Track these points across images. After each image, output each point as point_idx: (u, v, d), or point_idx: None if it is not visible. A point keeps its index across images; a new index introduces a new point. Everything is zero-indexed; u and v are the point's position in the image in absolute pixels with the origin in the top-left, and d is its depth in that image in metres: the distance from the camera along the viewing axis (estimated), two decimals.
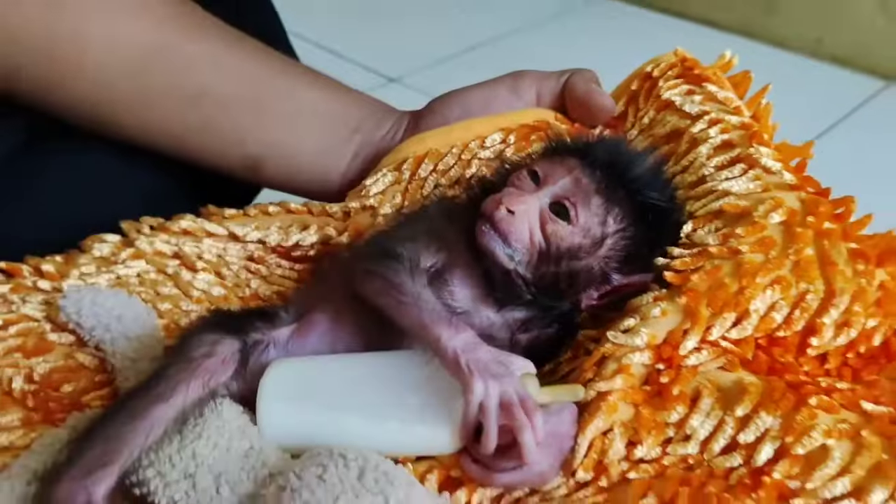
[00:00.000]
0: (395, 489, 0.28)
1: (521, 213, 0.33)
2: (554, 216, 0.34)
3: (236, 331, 0.32)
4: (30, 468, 0.30)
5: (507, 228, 0.33)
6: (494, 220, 0.33)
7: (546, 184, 0.34)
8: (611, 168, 0.35)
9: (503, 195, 0.33)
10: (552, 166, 0.36)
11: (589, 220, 0.34)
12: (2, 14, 0.43)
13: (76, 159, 0.48)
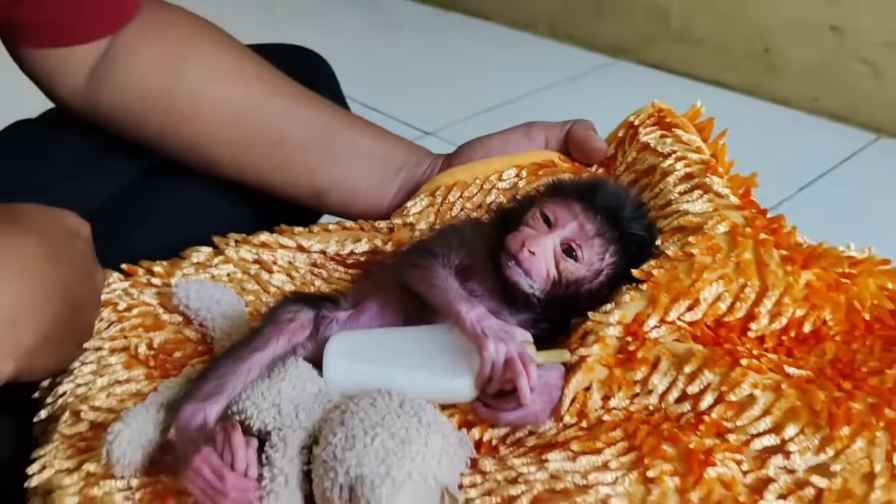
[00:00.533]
0: (425, 413, 0.37)
1: (540, 254, 0.43)
2: (565, 255, 0.43)
3: (311, 306, 0.43)
4: (157, 401, 0.40)
5: (530, 266, 0.43)
6: (519, 258, 0.43)
7: (556, 227, 0.43)
8: (607, 212, 0.45)
9: (525, 237, 0.43)
10: (560, 210, 0.45)
11: (592, 257, 0.44)
12: (137, 77, 0.55)
13: (181, 190, 0.60)
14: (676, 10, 1.40)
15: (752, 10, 1.31)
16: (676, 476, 0.37)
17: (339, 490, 0.35)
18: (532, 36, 1.62)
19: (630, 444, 0.39)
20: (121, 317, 0.48)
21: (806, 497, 0.37)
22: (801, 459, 0.38)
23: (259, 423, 0.39)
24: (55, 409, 0.44)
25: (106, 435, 0.38)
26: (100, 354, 0.46)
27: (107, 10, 0.55)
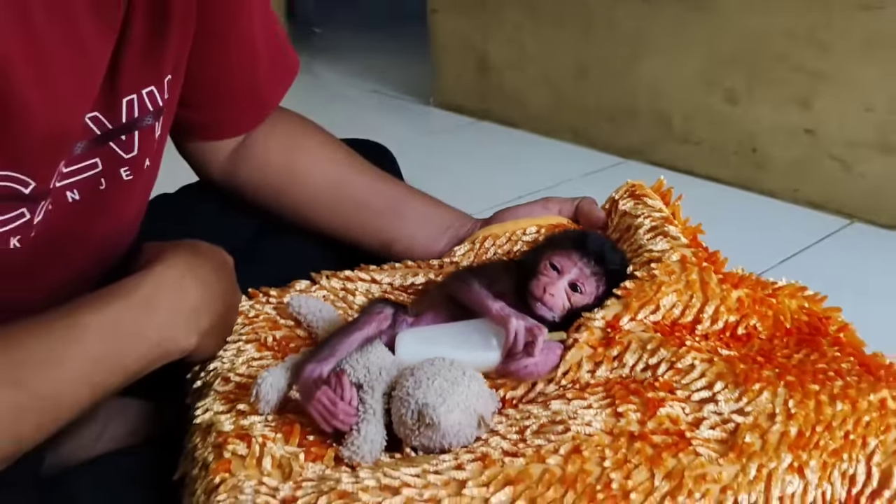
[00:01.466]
0: (468, 370, 0.54)
1: (557, 295, 0.60)
2: (573, 291, 0.60)
3: (392, 306, 0.60)
4: (286, 365, 0.57)
5: (551, 304, 0.60)
6: (543, 300, 0.60)
7: (564, 273, 0.60)
8: (595, 256, 0.62)
9: (544, 284, 0.59)
10: (564, 260, 0.61)
11: (591, 289, 0.61)
12: (265, 159, 0.75)
13: (285, 242, 0.78)
14: (678, 117, 1.59)
15: (741, 118, 1.49)
16: (638, 412, 0.53)
17: (411, 414, 0.52)
18: (555, 141, 1.83)
19: (607, 395, 0.55)
20: (250, 321, 0.66)
21: (728, 429, 0.52)
22: (725, 406, 0.53)
23: (355, 377, 0.56)
24: (207, 378, 0.61)
25: (256, 380, 0.55)
26: (237, 345, 0.64)
27: (251, 112, 0.76)
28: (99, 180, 0.61)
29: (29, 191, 0.53)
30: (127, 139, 0.61)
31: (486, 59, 1.93)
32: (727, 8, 1.45)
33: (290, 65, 0.77)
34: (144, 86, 0.60)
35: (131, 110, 0.60)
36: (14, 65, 0.47)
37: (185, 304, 0.57)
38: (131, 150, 0.62)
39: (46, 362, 0.49)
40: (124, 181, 0.63)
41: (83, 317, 0.52)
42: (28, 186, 0.53)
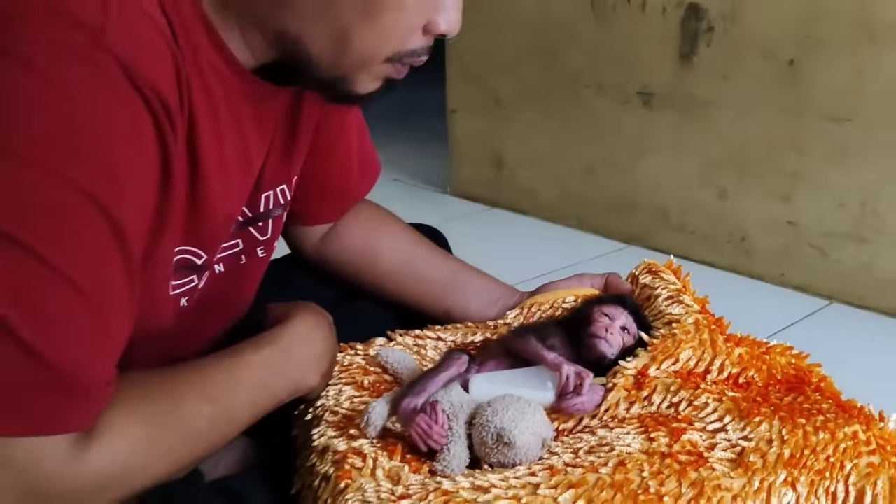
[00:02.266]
0: (532, 403, 0.69)
1: (616, 334, 0.75)
2: (623, 332, 0.76)
3: (466, 354, 0.75)
4: (385, 399, 0.71)
5: (612, 341, 0.75)
6: (608, 339, 0.74)
7: (615, 320, 0.76)
8: (632, 310, 0.78)
9: (607, 325, 0.75)
10: (613, 310, 0.77)
11: (633, 332, 0.77)
12: (350, 240, 0.91)
13: (362, 307, 0.92)
14: (675, 210, 1.73)
15: (731, 211, 1.63)
16: (666, 437, 0.67)
17: (491, 436, 0.66)
18: (563, 228, 1.97)
19: (641, 425, 0.69)
20: (345, 368, 0.81)
21: (736, 451, 0.66)
22: (733, 434, 0.68)
23: (441, 407, 0.70)
24: (317, 412, 0.75)
25: (367, 409, 0.69)
26: (338, 386, 0.77)
27: (341, 205, 0.91)
28: (240, 257, 0.75)
29: (200, 262, 0.68)
30: (262, 225, 0.76)
31: (500, 155, 2.11)
32: (719, 118, 1.62)
33: (375, 169, 0.94)
34: (279, 184, 0.76)
35: (268, 203, 0.75)
36: (210, 168, 0.62)
37: (313, 351, 0.71)
38: (265, 233, 0.77)
39: (227, 387, 0.63)
40: (259, 258, 0.78)
41: (247, 355, 0.66)
42: (201, 259, 0.68)
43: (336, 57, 0.61)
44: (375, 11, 0.59)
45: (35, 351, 0.48)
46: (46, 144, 0.48)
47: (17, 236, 0.48)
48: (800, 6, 1.46)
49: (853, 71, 1.42)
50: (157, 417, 0.57)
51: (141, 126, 0.53)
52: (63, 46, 0.48)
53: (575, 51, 1.83)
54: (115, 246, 0.52)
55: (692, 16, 1.61)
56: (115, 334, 0.53)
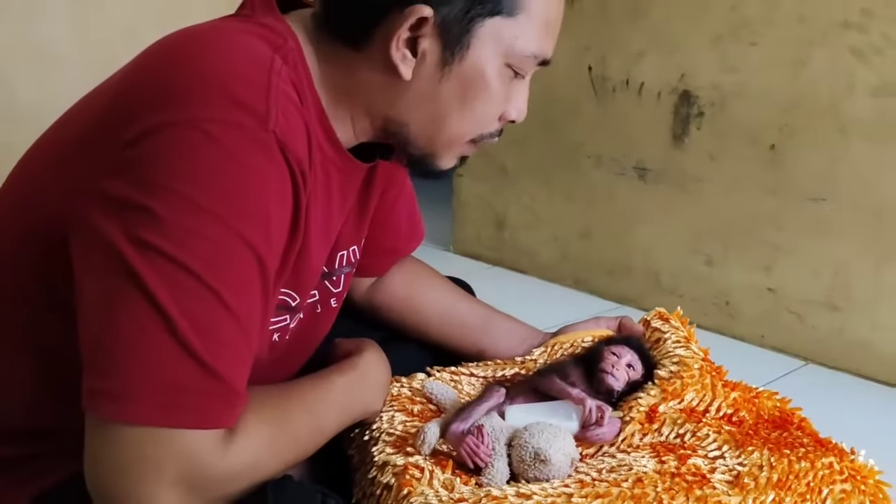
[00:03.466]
0: (563, 431, 0.81)
1: (622, 370, 0.87)
2: (629, 369, 0.88)
3: (504, 388, 0.87)
4: (436, 423, 0.83)
5: (619, 376, 0.86)
6: (614, 373, 0.87)
7: (622, 358, 0.88)
8: (638, 350, 0.91)
9: (614, 362, 0.87)
10: (621, 350, 0.89)
11: (638, 368, 0.89)
12: (394, 289, 1.03)
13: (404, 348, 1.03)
14: (666, 274, 1.86)
15: (717, 277, 1.77)
16: (675, 461, 0.79)
17: (529, 455, 0.78)
18: (560, 287, 2.10)
19: (653, 451, 0.82)
20: (394, 398, 0.92)
21: (733, 474, 0.77)
22: (730, 460, 0.80)
23: (485, 432, 0.82)
24: (373, 434, 0.86)
25: (423, 428, 0.80)
26: (391, 413, 0.88)
27: (389, 261, 1.04)
28: (316, 306, 0.87)
29: (294, 304, 0.79)
30: (336, 280, 0.88)
31: (503, 217, 2.26)
32: (707, 193, 1.77)
33: (420, 232, 1.06)
34: (351, 245, 0.88)
35: (342, 261, 0.87)
36: (315, 226, 0.75)
37: (381, 379, 0.83)
38: (338, 287, 0.89)
39: (322, 403, 0.75)
40: (331, 307, 0.89)
41: (334, 378, 0.78)
42: (295, 301, 0.79)
43: (431, 138, 0.75)
44: (469, 103, 0.73)
45: (208, 363, 0.60)
46: (222, 200, 0.61)
47: (196, 270, 0.60)
48: (780, 99, 1.64)
49: (827, 157, 1.59)
50: (275, 423, 0.68)
51: (288, 192, 0.66)
52: (238, 126, 0.61)
53: (576, 126, 2.00)
54: (261, 285, 0.64)
55: (684, 101, 1.78)
56: (252, 355, 0.65)
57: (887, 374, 1.56)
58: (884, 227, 1.53)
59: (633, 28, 1.84)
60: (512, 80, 0.75)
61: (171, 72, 0.64)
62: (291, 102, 0.66)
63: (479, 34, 0.71)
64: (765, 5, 1.62)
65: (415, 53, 0.71)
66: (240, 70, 0.64)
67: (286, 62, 0.67)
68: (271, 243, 0.64)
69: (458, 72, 0.72)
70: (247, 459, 0.63)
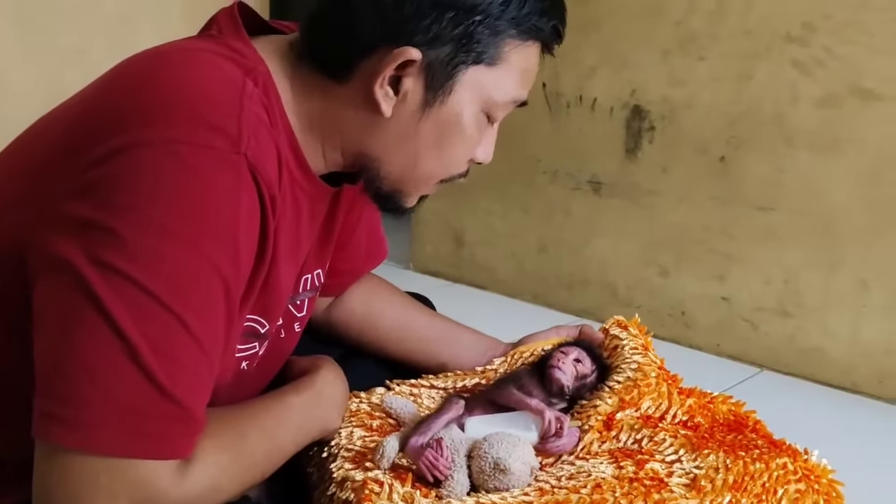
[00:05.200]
0: (522, 440, 0.81)
1: (569, 363, 0.88)
2: (577, 363, 0.89)
3: (463, 400, 0.87)
4: (395, 437, 0.82)
5: (565, 369, 0.88)
6: (561, 368, 0.88)
7: (568, 354, 0.90)
8: (587, 349, 0.92)
9: (560, 358, 0.88)
10: (568, 348, 0.91)
11: (587, 363, 0.90)
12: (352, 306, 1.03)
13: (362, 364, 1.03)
14: (622, 287, 1.88)
15: (672, 288, 1.79)
16: (633, 466, 0.80)
17: (489, 465, 0.78)
18: (520, 302, 2.10)
19: (611, 456, 0.82)
20: (353, 413, 0.91)
21: (690, 477, 0.78)
22: (687, 464, 0.81)
23: (444, 444, 0.82)
24: (332, 450, 0.85)
25: (382, 443, 0.80)
26: (349, 428, 0.88)
27: (348, 281, 1.04)
28: (280, 331, 0.86)
29: (263, 331, 0.78)
30: (300, 304, 0.87)
31: (461, 235, 2.26)
32: (659, 205, 1.80)
33: (381, 253, 1.06)
34: (315, 269, 0.87)
35: (306, 284, 0.87)
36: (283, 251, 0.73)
37: (338, 397, 0.83)
38: (301, 311, 0.88)
39: (278, 424, 0.74)
40: (295, 332, 0.88)
41: (290, 398, 0.77)
42: (264, 328, 0.78)
43: (402, 176, 0.76)
44: (444, 145, 0.75)
45: (167, 389, 0.59)
46: (189, 222, 0.60)
47: (158, 294, 0.58)
48: (728, 111, 1.68)
49: (774, 167, 1.63)
50: (232, 447, 0.67)
51: (257, 215, 0.65)
52: (209, 148, 0.60)
53: (532, 142, 2.02)
54: (225, 310, 0.63)
55: (636, 116, 1.82)
56: (213, 381, 0.64)
57: (839, 378, 1.60)
58: (831, 235, 1.57)
59: (584, 44, 1.87)
60: (486, 126, 0.78)
61: (138, 92, 0.64)
62: (263, 125, 0.65)
63: (462, 80, 0.72)
64: (710, 20, 1.67)
65: (396, 92, 0.72)
66: (210, 92, 0.63)
67: (257, 85, 0.67)
68: (238, 267, 0.63)
69: (438, 114, 0.73)
70: (204, 486, 0.62)
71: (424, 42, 0.69)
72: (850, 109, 1.52)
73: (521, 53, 0.74)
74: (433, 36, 0.69)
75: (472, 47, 0.71)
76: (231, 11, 0.73)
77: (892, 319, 1.53)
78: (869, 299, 1.55)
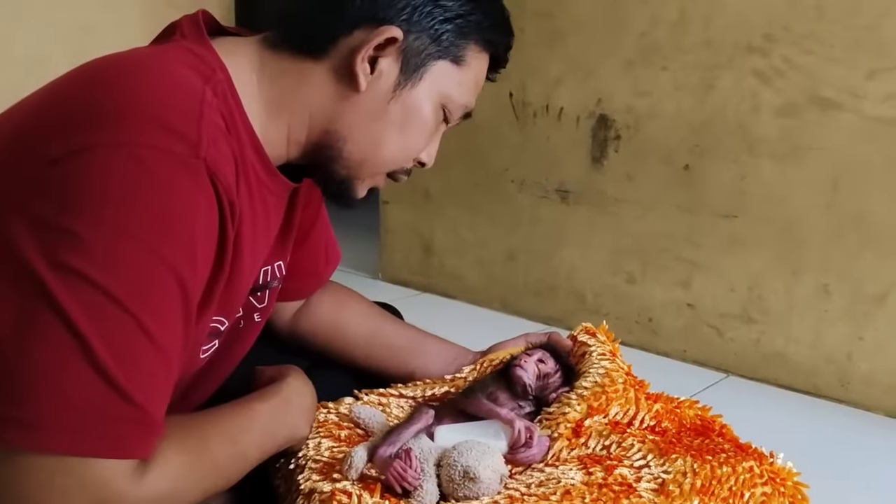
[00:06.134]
0: (491, 448, 0.80)
1: (531, 363, 0.88)
2: (540, 363, 0.90)
3: (432, 409, 0.86)
4: (364, 447, 0.81)
5: (526, 367, 0.88)
6: (524, 367, 0.89)
7: (531, 355, 0.90)
8: (551, 351, 0.93)
9: (524, 359, 0.89)
10: (533, 350, 0.91)
11: (550, 364, 0.90)
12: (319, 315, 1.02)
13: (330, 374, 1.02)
14: (590, 294, 1.89)
15: (639, 295, 1.80)
16: (602, 472, 0.80)
17: (458, 474, 0.77)
18: (488, 311, 2.11)
19: (581, 463, 0.82)
20: (321, 424, 0.90)
21: (658, 482, 0.79)
22: (655, 469, 0.81)
23: (414, 454, 0.81)
24: (299, 461, 0.84)
25: (350, 453, 0.79)
26: (317, 439, 0.87)
27: (312, 285, 1.03)
28: (239, 321, 0.86)
29: (224, 328, 0.78)
30: (261, 295, 0.87)
31: (430, 244, 2.26)
32: (626, 213, 1.82)
33: (337, 256, 1.07)
34: (277, 261, 0.87)
35: (266, 276, 0.87)
36: (245, 252, 0.73)
37: (305, 404, 0.82)
38: (263, 302, 0.88)
39: (243, 430, 0.73)
40: (255, 322, 0.88)
41: (256, 405, 0.76)
42: (224, 325, 0.78)
43: (362, 158, 0.78)
44: (407, 131, 0.77)
45: (125, 390, 0.58)
46: (148, 225, 0.59)
47: (116, 295, 0.58)
48: (691, 120, 1.70)
49: (737, 175, 1.66)
50: (194, 452, 0.66)
51: (215, 220, 0.65)
52: (169, 152, 0.60)
53: (499, 151, 2.03)
54: (183, 312, 0.63)
55: (602, 125, 1.83)
56: (173, 383, 0.63)
57: (802, 382, 1.62)
58: (793, 241, 1.60)
59: (550, 55, 1.89)
60: (439, 124, 0.81)
61: (101, 93, 0.63)
62: (221, 132, 0.66)
63: (431, 71, 0.77)
64: (673, 32, 1.69)
65: (372, 70, 0.75)
66: (172, 97, 0.64)
67: (216, 94, 0.68)
68: (196, 270, 0.63)
69: (407, 98, 0.77)
70: (162, 488, 0.61)
71: (405, 26, 0.74)
72: (810, 118, 1.55)
73: (478, 61, 0.80)
74: (414, 22, 0.74)
75: (445, 42, 0.76)
76: (195, 17, 0.75)
77: (852, 324, 1.55)
78: (830, 304, 1.57)
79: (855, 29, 1.48)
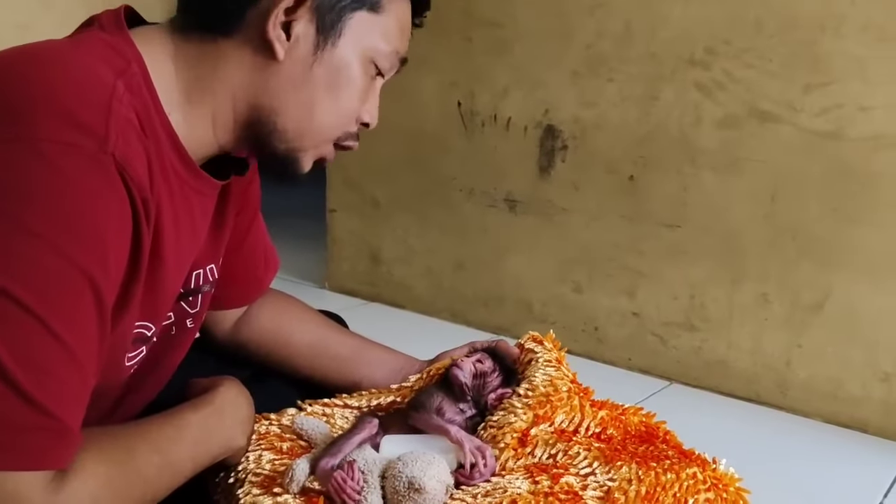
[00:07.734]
0: (437, 458, 0.79)
1: (468, 363, 0.87)
2: (478, 363, 0.88)
3: (377, 418, 0.84)
4: (306, 459, 0.79)
5: (465, 367, 0.87)
6: (459, 366, 0.87)
7: (471, 357, 0.89)
8: (490, 352, 0.92)
9: (463, 360, 0.88)
10: (474, 353, 0.91)
11: (487, 363, 0.89)
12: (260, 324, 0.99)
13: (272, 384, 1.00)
14: (537, 303, 1.90)
15: (585, 304, 1.81)
16: (548, 480, 0.79)
17: (403, 485, 0.75)
18: (437, 320, 2.09)
19: (527, 472, 0.81)
20: (262, 436, 0.88)
21: (604, 490, 0.78)
22: (601, 476, 0.81)
23: (357, 467, 0.79)
24: (239, 475, 0.81)
25: (291, 466, 0.77)
26: (258, 452, 0.84)
27: (252, 291, 1.00)
28: (171, 328, 0.83)
29: (150, 334, 0.75)
30: (193, 299, 0.84)
31: (377, 253, 2.24)
32: (572, 222, 1.83)
33: (276, 262, 1.04)
34: (208, 263, 0.85)
35: (198, 280, 0.84)
36: (167, 253, 0.71)
37: (241, 414, 0.79)
38: (195, 307, 0.85)
39: (172, 441, 0.70)
40: (188, 328, 0.85)
41: (187, 415, 0.73)
42: (151, 331, 0.75)
43: (298, 129, 0.74)
44: (336, 92, 0.74)
45: (33, 398, 0.55)
46: (55, 224, 0.56)
47: (21, 298, 0.55)
48: (636, 131, 1.72)
49: (679, 186, 1.68)
50: (117, 462, 0.63)
51: (128, 217, 0.62)
52: (75, 147, 0.57)
53: (447, 160, 2.02)
54: (96, 314, 0.60)
55: (549, 135, 1.84)
56: (89, 389, 0.60)
57: (743, 389, 1.65)
58: (733, 251, 1.63)
59: (498, 64, 1.89)
60: (373, 79, 0.78)
61: (4, 87, 0.60)
62: (132, 128, 0.63)
63: (350, 25, 0.73)
64: (619, 43, 1.71)
65: (288, 37, 0.72)
66: (79, 91, 0.60)
67: (129, 88, 0.65)
68: (108, 271, 0.60)
69: (330, 58, 0.73)
70: (83, 499, 0.58)
71: None
72: (749, 130, 1.58)
73: (396, 4, 0.76)
74: None
75: None
76: (116, 11, 0.72)
77: (791, 331, 1.59)
78: (770, 312, 1.60)
79: (792, 44, 1.51)
